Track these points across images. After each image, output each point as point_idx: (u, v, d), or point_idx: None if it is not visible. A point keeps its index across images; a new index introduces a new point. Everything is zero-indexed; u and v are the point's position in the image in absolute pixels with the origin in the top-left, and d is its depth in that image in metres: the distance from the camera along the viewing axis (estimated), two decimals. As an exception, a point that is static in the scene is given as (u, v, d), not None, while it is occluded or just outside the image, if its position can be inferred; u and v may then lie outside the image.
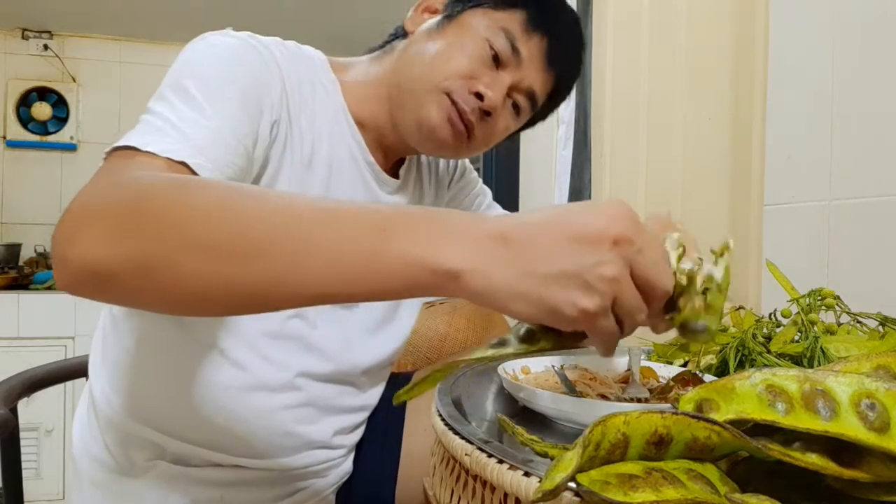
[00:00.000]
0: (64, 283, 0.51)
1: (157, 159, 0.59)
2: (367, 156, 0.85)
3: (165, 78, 0.68)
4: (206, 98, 0.65)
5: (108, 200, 0.52)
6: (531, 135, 2.11)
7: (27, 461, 2.54)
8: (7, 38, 3.25)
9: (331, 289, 0.46)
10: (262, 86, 0.72)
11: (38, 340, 2.64)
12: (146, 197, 0.51)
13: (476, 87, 0.79)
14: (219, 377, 0.76)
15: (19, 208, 3.28)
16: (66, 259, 0.50)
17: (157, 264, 0.48)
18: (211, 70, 0.68)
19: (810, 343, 0.63)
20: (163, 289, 0.49)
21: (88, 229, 0.50)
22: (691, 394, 0.39)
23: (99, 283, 0.50)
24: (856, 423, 0.34)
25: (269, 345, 0.78)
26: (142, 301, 0.53)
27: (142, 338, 0.78)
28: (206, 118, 0.64)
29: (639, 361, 0.69)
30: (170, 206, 0.50)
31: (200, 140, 0.62)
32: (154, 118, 0.63)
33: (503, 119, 0.84)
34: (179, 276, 0.48)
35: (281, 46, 0.79)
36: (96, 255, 0.49)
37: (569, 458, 0.33)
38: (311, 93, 0.80)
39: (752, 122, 1.14)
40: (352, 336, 0.86)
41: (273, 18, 2.96)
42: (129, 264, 0.48)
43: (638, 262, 0.43)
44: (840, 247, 0.92)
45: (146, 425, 0.78)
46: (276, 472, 0.82)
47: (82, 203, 0.53)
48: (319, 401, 0.83)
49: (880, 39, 0.87)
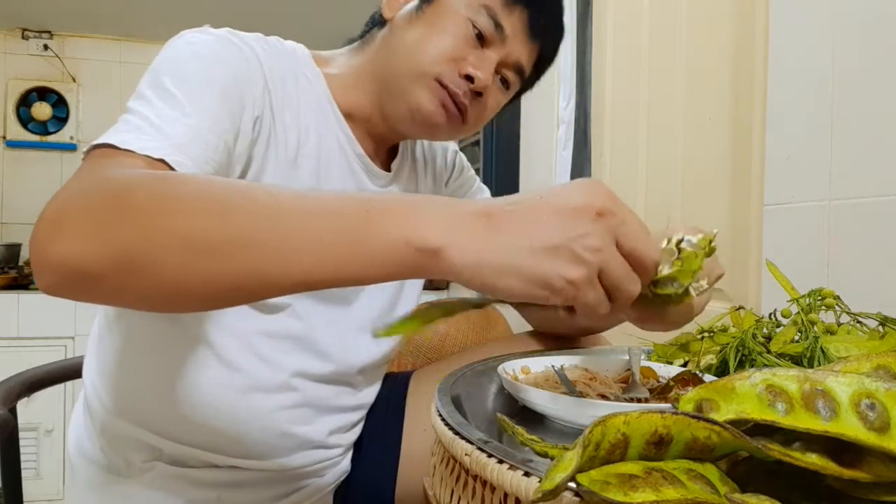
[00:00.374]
0: (45, 284, 0.51)
1: (135, 157, 0.59)
2: (356, 147, 0.85)
3: (144, 76, 0.68)
4: (185, 96, 0.65)
5: (86, 199, 0.51)
6: (531, 135, 2.11)
7: (27, 461, 2.55)
8: (7, 38, 3.25)
9: (315, 276, 0.46)
10: (242, 82, 0.72)
11: (38, 340, 2.64)
12: (125, 193, 0.50)
13: (465, 70, 0.78)
14: (213, 378, 0.76)
15: (19, 208, 3.28)
16: (46, 260, 0.50)
17: (138, 260, 0.48)
18: (190, 67, 0.68)
19: (810, 343, 0.62)
20: (145, 285, 0.48)
21: (68, 228, 0.50)
22: (691, 394, 0.39)
23: (81, 282, 0.49)
24: (856, 423, 0.34)
25: (265, 345, 0.78)
26: (124, 298, 0.53)
27: (135, 339, 0.78)
28: (185, 115, 0.64)
29: (639, 361, 0.69)
30: (149, 201, 0.49)
31: (179, 137, 0.62)
32: (133, 117, 0.63)
33: (494, 96, 0.84)
34: (161, 272, 0.47)
35: (262, 42, 0.78)
36: (77, 253, 0.48)
37: (569, 458, 0.33)
38: (294, 86, 0.80)
39: (752, 122, 1.14)
40: (348, 335, 0.85)
41: (274, 19, 2.96)
42: (111, 261, 0.48)
43: (623, 234, 0.44)
44: (840, 247, 0.92)
45: (141, 427, 0.78)
46: (272, 472, 0.82)
47: (60, 203, 0.52)
48: (315, 401, 0.83)
49: (880, 39, 0.87)
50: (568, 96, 1.82)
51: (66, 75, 3.31)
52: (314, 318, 0.82)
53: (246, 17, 2.91)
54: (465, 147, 3.03)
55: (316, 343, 0.82)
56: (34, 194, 3.27)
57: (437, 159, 1.01)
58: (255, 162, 0.75)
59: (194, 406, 0.77)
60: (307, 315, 0.81)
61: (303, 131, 0.79)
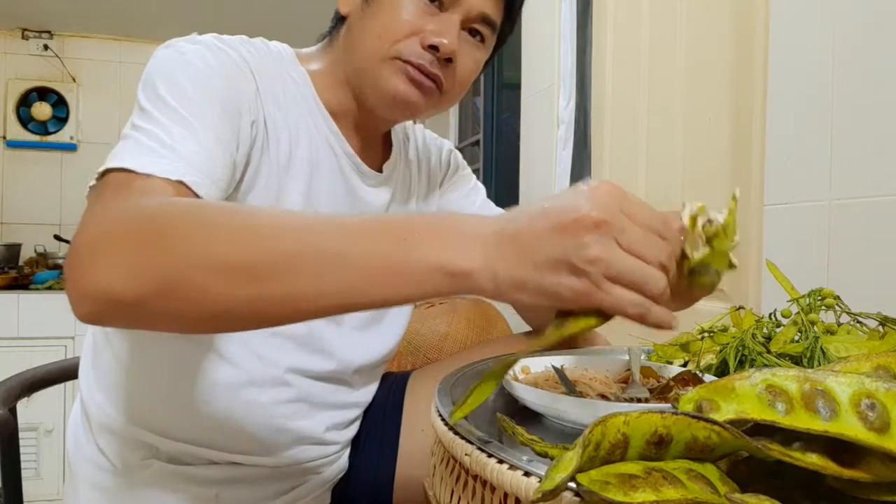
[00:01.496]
0: (84, 313, 0.52)
1: (155, 180, 0.60)
2: (345, 146, 0.85)
3: (140, 90, 0.68)
4: (189, 112, 0.66)
5: (121, 227, 0.53)
6: (531, 135, 2.11)
7: (27, 461, 2.55)
8: (7, 38, 3.26)
9: (353, 300, 0.49)
10: (236, 91, 0.72)
11: (38, 340, 2.64)
12: (162, 219, 0.52)
13: (427, 41, 0.77)
14: (210, 374, 0.77)
15: (19, 208, 3.28)
16: (85, 289, 0.51)
17: (180, 287, 0.49)
18: (186, 80, 0.68)
19: (810, 343, 0.62)
20: (187, 310, 0.50)
21: (105, 257, 0.51)
22: (691, 394, 0.39)
23: (121, 310, 0.51)
24: (856, 423, 0.34)
25: (261, 342, 0.79)
26: (166, 324, 0.55)
27: (130, 339, 0.78)
28: (193, 133, 0.65)
29: (639, 361, 0.69)
30: (189, 228, 0.51)
31: (193, 156, 0.63)
32: (143, 136, 0.64)
33: (468, 55, 0.82)
34: (203, 297, 0.49)
35: (248, 45, 0.79)
36: (117, 282, 0.50)
37: (569, 458, 0.33)
38: (282, 89, 0.80)
39: (752, 121, 1.14)
40: (344, 334, 0.85)
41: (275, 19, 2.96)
42: (151, 288, 0.50)
43: (623, 241, 0.45)
44: (840, 247, 0.92)
45: (138, 426, 0.78)
46: (270, 468, 0.83)
47: (94, 232, 0.54)
48: (311, 397, 0.83)
49: (880, 39, 0.87)
50: (568, 96, 1.82)
51: (66, 75, 3.31)
52: None
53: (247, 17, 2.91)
54: (465, 147, 3.03)
55: (311, 341, 0.82)
56: (34, 194, 3.28)
57: (432, 159, 1.00)
58: (252, 165, 0.75)
59: (190, 402, 0.77)
60: None
61: (293, 133, 0.79)
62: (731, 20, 1.22)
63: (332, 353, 0.84)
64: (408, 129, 0.99)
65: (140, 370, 0.78)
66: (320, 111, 0.83)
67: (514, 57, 2.21)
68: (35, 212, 3.27)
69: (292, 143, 0.79)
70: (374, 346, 0.90)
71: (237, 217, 0.52)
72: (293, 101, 0.81)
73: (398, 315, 0.94)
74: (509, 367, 0.53)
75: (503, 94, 2.65)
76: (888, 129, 0.86)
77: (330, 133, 0.83)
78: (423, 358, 1.39)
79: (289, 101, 0.80)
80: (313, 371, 0.83)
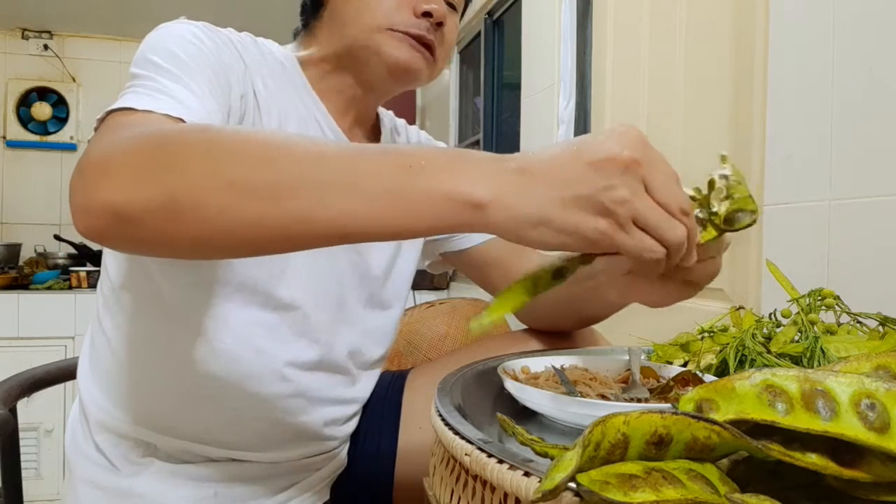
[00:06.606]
0: (87, 227, 0.52)
1: (156, 115, 0.60)
2: (333, 126, 0.85)
3: (133, 66, 0.69)
4: (181, 72, 0.66)
5: (133, 145, 0.53)
6: (531, 135, 2.11)
7: (27, 461, 2.55)
8: (7, 38, 3.26)
9: (357, 226, 0.47)
10: (226, 64, 0.73)
11: (38, 340, 2.64)
12: (172, 139, 0.52)
13: (420, 8, 0.79)
14: (208, 369, 0.76)
15: (19, 208, 3.28)
16: (90, 204, 0.51)
17: (184, 202, 0.48)
18: (178, 48, 0.69)
19: (810, 343, 0.62)
20: (190, 228, 0.49)
21: (115, 172, 0.51)
22: (691, 394, 0.39)
23: (124, 225, 0.50)
24: (856, 423, 0.34)
25: (260, 335, 0.78)
26: (168, 242, 0.53)
27: (128, 335, 0.78)
28: (187, 87, 0.65)
29: (639, 361, 0.69)
30: (195, 146, 0.51)
31: (190, 102, 0.64)
32: (140, 88, 0.64)
33: (451, 20, 0.85)
34: (207, 214, 0.48)
35: (235, 33, 0.80)
36: (123, 196, 0.49)
37: (569, 458, 0.33)
38: (269, 71, 0.81)
39: (752, 122, 1.14)
40: (339, 320, 0.85)
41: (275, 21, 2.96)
42: (156, 203, 0.49)
43: (650, 182, 0.45)
44: (840, 247, 0.92)
45: (136, 424, 0.78)
46: (269, 464, 0.83)
47: (102, 151, 0.53)
48: (309, 391, 0.83)
49: (880, 39, 0.87)
50: (568, 96, 1.82)
51: (66, 75, 3.31)
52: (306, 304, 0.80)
53: (247, 17, 2.91)
54: (465, 147, 3.03)
55: (307, 331, 0.81)
56: (34, 194, 3.28)
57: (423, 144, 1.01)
58: None
59: (188, 398, 0.77)
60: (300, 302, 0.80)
61: (282, 112, 0.80)
62: (731, 20, 1.22)
63: (327, 341, 0.83)
64: (398, 126, 0.99)
65: (138, 367, 0.78)
66: (308, 93, 0.84)
67: (514, 57, 2.21)
68: (35, 212, 3.27)
69: (282, 121, 0.80)
70: (371, 332, 0.89)
71: (244, 137, 0.52)
72: (281, 82, 0.81)
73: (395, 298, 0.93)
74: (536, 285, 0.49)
75: (503, 94, 2.65)
76: (888, 129, 0.86)
77: (318, 112, 0.84)
78: (423, 357, 1.39)
79: (277, 82, 0.81)
80: (309, 361, 0.82)
